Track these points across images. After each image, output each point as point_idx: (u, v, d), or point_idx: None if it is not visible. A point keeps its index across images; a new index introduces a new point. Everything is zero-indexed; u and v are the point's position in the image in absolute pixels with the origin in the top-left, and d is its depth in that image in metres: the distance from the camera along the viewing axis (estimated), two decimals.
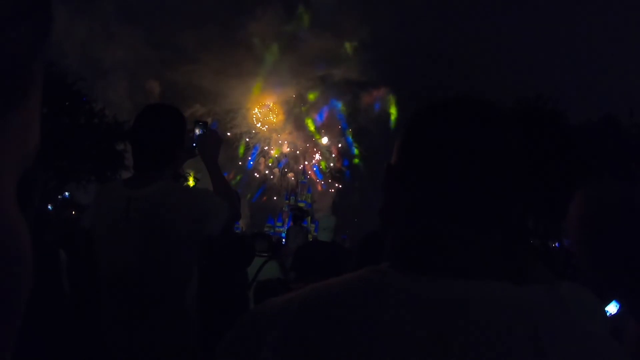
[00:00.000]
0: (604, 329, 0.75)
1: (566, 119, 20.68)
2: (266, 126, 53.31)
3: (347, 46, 51.41)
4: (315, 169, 55.07)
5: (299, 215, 6.96)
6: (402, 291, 0.69)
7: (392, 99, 53.05)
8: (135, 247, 1.98)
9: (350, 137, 54.63)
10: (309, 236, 7.41)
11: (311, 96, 53.42)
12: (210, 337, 2.37)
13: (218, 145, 2.36)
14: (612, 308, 1.63)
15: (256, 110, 51.97)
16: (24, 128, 0.53)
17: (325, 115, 54.44)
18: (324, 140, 54.46)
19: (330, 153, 54.50)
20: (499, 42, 44.72)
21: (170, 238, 1.98)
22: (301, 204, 43.94)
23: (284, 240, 8.55)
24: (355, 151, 54.42)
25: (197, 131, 2.30)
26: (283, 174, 54.22)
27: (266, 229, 39.65)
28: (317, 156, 54.98)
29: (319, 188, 54.40)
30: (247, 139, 52.94)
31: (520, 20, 45.83)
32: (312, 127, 54.17)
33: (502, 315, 0.67)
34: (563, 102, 21.41)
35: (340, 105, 54.03)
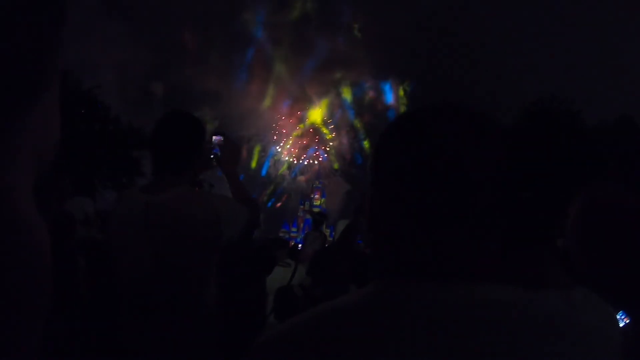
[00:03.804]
0: (619, 334, 0.77)
1: (581, 120, 20.55)
2: (277, 129, 53.08)
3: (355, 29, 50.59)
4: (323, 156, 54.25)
5: (319, 220, 6.96)
6: (425, 300, 0.69)
7: (402, 96, 52.58)
8: (153, 252, 1.99)
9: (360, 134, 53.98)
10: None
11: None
12: (227, 344, 2.37)
13: (237, 155, 2.40)
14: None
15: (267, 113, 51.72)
16: (42, 123, 0.52)
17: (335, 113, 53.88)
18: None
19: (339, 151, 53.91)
20: (512, 41, 44.48)
21: (189, 243, 1.99)
22: (316, 209, 43.78)
23: (299, 246, 8.52)
24: (365, 144, 53.81)
25: (215, 141, 2.33)
26: (294, 178, 53.96)
27: (281, 235, 39.52)
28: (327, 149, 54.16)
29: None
30: (256, 142, 52.60)
31: (534, 18, 45.57)
32: (324, 129, 53.68)
33: (521, 321, 0.68)
34: (578, 102, 21.30)
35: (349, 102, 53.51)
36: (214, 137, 2.35)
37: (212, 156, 2.33)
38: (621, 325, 1.39)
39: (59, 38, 0.53)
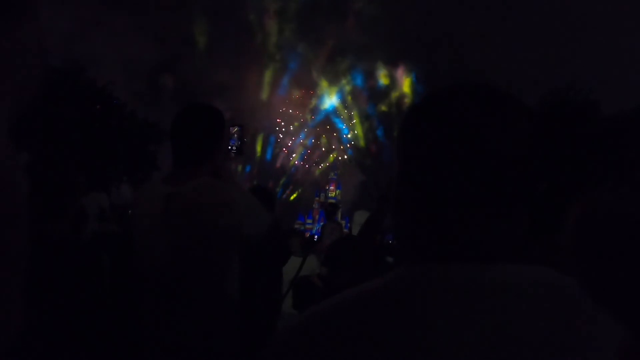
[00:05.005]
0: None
1: (598, 109, 20.31)
2: (289, 120, 52.72)
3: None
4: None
5: (332, 211, 6.98)
6: (454, 282, 0.69)
7: (413, 83, 51.99)
8: (175, 243, 2.00)
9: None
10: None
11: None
12: (243, 337, 2.38)
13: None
14: None
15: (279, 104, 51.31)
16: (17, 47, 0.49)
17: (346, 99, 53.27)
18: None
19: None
20: (528, 29, 43.89)
21: (210, 234, 2.00)
22: (331, 201, 43.56)
23: (316, 237, 8.56)
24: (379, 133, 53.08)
25: (235, 134, 2.34)
26: (308, 169, 53.62)
27: (296, 227, 39.51)
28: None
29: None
30: (267, 133, 52.20)
31: (550, 6, 44.90)
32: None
33: (556, 300, 0.68)
34: (595, 91, 21.01)
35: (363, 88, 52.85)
36: (232, 129, 2.35)
37: (230, 147, 2.34)
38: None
39: None
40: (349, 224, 5.71)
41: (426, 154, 0.75)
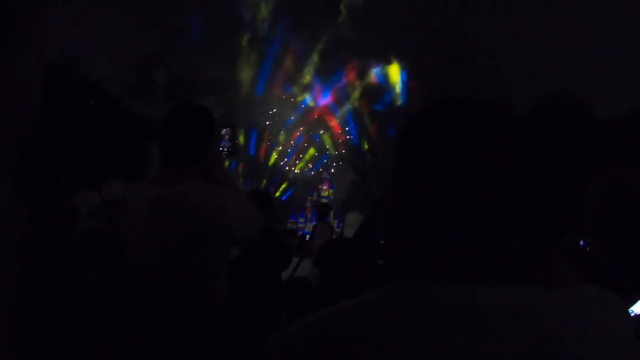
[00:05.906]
0: (629, 332, 0.75)
1: (592, 113, 20.45)
2: (282, 118, 52.52)
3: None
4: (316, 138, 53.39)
5: (323, 211, 6.97)
6: (442, 302, 0.68)
7: (405, 82, 51.78)
8: (161, 245, 1.99)
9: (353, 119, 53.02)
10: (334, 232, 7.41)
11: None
12: (239, 340, 2.37)
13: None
14: (637, 308, 1.58)
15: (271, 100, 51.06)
16: (9, 84, 0.48)
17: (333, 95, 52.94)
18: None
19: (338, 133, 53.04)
20: (522, 33, 44.04)
21: (196, 237, 1.99)
22: (324, 200, 43.51)
23: (307, 237, 8.55)
24: (371, 130, 52.86)
25: (226, 135, 2.32)
26: (302, 167, 53.43)
27: (289, 226, 39.38)
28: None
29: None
30: (262, 131, 51.93)
31: (544, 10, 45.05)
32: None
33: (527, 321, 0.67)
34: (588, 95, 21.17)
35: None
36: (223, 130, 2.33)
37: (221, 149, 2.31)
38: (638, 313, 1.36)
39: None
40: (341, 225, 5.70)
41: (423, 167, 0.75)
